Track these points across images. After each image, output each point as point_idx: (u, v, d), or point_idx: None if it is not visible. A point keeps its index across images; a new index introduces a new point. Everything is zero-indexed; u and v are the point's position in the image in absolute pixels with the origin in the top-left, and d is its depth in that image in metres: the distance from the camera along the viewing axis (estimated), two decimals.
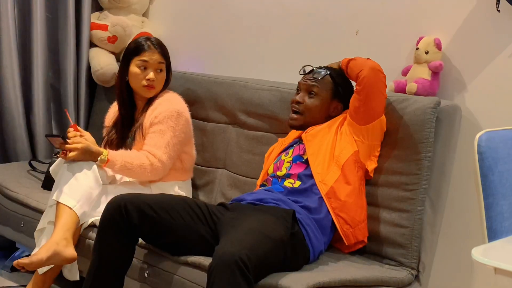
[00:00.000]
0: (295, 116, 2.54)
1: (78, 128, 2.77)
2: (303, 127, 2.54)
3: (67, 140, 2.65)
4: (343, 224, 2.32)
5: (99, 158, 2.64)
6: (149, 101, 2.88)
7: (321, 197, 2.33)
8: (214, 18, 3.45)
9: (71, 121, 2.88)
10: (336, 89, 2.52)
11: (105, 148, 2.86)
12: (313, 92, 2.51)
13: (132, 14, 3.70)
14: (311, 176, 2.37)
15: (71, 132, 2.72)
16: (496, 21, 2.40)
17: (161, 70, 2.87)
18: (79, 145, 2.62)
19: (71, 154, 2.61)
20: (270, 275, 2.02)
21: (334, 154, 2.38)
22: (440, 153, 2.39)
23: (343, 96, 2.52)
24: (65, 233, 2.47)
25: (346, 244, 2.35)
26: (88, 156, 2.63)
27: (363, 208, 2.39)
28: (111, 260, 2.25)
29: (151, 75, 2.84)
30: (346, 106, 2.50)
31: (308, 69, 2.59)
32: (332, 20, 2.93)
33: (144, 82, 2.84)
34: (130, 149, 2.83)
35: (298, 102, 2.53)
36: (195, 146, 3.01)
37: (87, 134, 2.77)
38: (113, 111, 3.05)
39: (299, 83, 2.58)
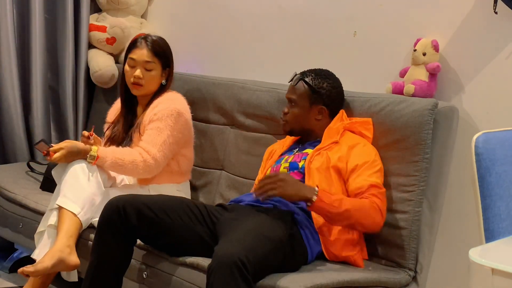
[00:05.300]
0: (282, 124, 2.53)
1: (93, 133, 2.80)
2: (293, 133, 2.52)
3: (51, 144, 2.66)
4: (333, 257, 2.28)
5: (88, 155, 2.61)
6: (151, 101, 2.86)
7: None
8: (212, 20, 3.45)
9: (92, 132, 2.84)
10: (312, 95, 2.46)
11: (106, 145, 2.85)
12: (292, 102, 2.49)
13: (131, 15, 3.71)
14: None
15: (84, 134, 2.78)
16: (493, 22, 2.41)
17: (150, 70, 2.83)
18: (63, 145, 2.61)
19: (56, 155, 2.59)
20: (269, 276, 2.02)
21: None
22: (438, 154, 2.39)
23: (325, 98, 2.46)
24: (68, 240, 2.47)
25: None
26: (75, 155, 2.61)
27: (355, 244, 2.31)
28: (110, 261, 2.25)
29: (136, 72, 2.81)
30: (333, 109, 2.48)
31: (292, 76, 2.54)
32: (330, 22, 2.93)
33: (132, 80, 2.83)
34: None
35: (285, 113, 2.51)
36: (193, 148, 3.00)
37: (98, 141, 2.82)
38: (116, 108, 3.04)
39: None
